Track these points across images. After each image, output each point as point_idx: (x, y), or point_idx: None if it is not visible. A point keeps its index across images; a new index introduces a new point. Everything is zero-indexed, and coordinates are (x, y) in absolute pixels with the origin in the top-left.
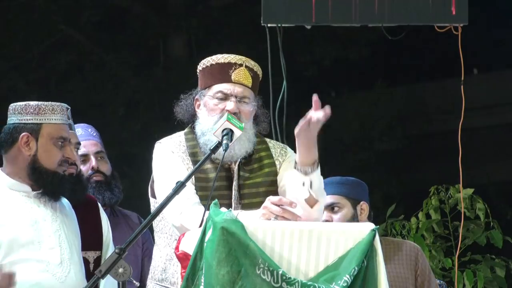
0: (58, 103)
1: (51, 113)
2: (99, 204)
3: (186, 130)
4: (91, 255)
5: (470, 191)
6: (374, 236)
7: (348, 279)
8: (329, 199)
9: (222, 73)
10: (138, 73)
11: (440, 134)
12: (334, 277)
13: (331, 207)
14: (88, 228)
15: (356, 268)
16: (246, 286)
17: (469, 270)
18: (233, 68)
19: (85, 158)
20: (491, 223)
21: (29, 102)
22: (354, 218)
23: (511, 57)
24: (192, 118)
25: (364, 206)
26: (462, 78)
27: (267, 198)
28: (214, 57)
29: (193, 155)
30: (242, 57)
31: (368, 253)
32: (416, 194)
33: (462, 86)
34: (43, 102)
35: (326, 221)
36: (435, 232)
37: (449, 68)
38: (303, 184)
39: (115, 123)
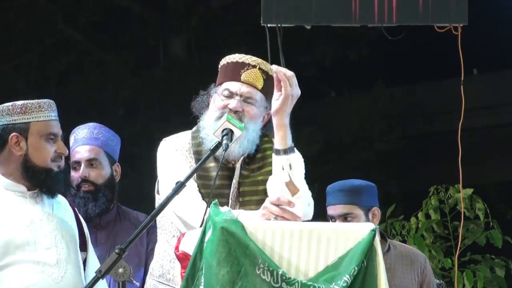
0: (45, 100)
1: (38, 111)
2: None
3: (194, 128)
4: None
5: (469, 191)
6: (374, 236)
7: (348, 279)
8: (342, 209)
9: (234, 72)
10: (138, 73)
11: (440, 134)
12: (334, 277)
13: (344, 217)
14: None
15: (356, 268)
16: (246, 286)
17: (468, 270)
18: (246, 68)
19: (77, 165)
20: (491, 223)
21: (15, 102)
22: None
23: (511, 57)
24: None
25: (376, 212)
26: (462, 78)
27: (267, 199)
28: (232, 55)
29: (197, 153)
30: (258, 59)
31: (368, 253)
32: (416, 194)
33: (462, 86)
34: (30, 101)
35: None
36: (435, 232)
37: (449, 68)
38: (283, 168)
39: (115, 123)
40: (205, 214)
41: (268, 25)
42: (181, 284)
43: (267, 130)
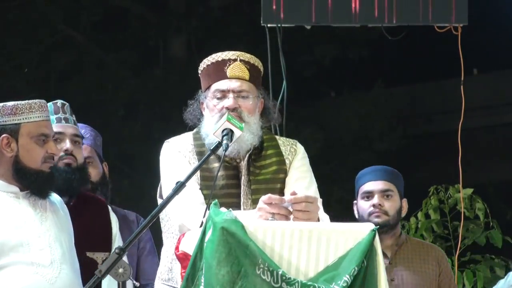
0: (36, 100)
1: (29, 112)
2: (109, 206)
3: (195, 130)
4: (100, 256)
5: (469, 191)
6: (374, 236)
7: (348, 279)
8: (383, 185)
9: (218, 71)
10: (138, 73)
11: (440, 134)
12: (334, 277)
13: (384, 193)
14: (97, 229)
15: (356, 268)
16: (246, 286)
17: (468, 270)
18: (228, 64)
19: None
20: (491, 223)
21: (6, 103)
22: (399, 212)
23: (511, 57)
24: (199, 121)
25: (404, 204)
26: (462, 78)
27: (260, 199)
28: (209, 57)
29: (200, 154)
30: (236, 52)
31: (368, 253)
32: (416, 194)
33: (462, 86)
34: (20, 102)
35: (379, 205)
36: (435, 232)
37: (449, 68)
38: None
39: (115, 123)
40: (204, 216)
41: (268, 25)
42: (181, 284)
43: (265, 121)
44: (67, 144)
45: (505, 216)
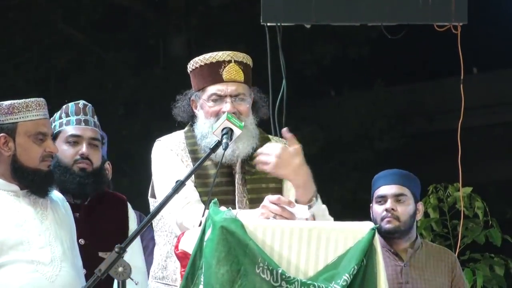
0: (33, 99)
1: (26, 111)
2: (129, 204)
3: (186, 128)
4: None
5: (468, 189)
6: (373, 235)
7: (347, 278)
8: (396, 189)
9: (213, 74)
10: (138, 73)
11: (440, 133)
12: (334, 276)
13: (397, 197)
14: (112, 228)
15: (356, 267)
16: (246, 285)
17: (468, 268)
18: (223, 66)
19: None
20: (490, 222)
21: (2, 102)
22: (413, 216)
23: (511, 57)
24: (191, 119)
25: (420, 207)
26: (462, 77)
27: (266, 197)
28: (202, 57)
29: (193, 152)
30: (229, 52)
31: (368, 252)
32: None
33: (461, 85)
34: (17, 101)
35: (392, 209)
36: (434, 231)
37: (449, 67)
38: (306, 219)
39: (115, 122)
40: (203, 215)
41: (268, 24)
42: (181, 283)
43: (255, 116)
44: (83, 148)
45: (505, 215)
